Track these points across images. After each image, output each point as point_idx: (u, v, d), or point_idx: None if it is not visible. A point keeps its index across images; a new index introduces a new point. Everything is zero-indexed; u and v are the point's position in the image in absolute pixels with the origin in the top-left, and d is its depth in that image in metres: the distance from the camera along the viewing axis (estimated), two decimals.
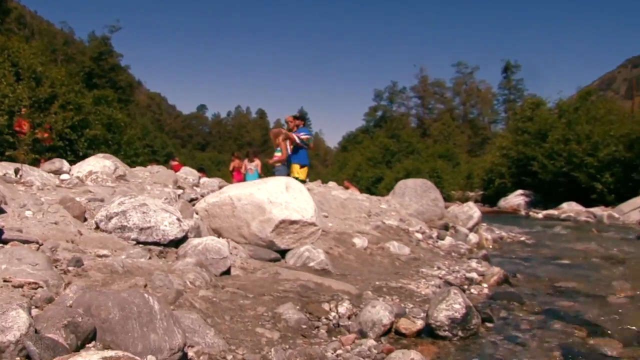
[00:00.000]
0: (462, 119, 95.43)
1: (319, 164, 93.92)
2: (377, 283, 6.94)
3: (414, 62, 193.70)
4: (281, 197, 7.78)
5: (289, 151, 14.52)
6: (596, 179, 29.73)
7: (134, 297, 3.66)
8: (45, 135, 18.75)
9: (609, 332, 5.70)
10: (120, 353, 2.85)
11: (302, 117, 15.38)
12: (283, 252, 7.68)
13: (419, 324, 5.42)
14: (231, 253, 6.68)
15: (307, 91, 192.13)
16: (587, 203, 28.08)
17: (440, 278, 7.90)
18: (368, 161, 61.95)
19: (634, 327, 5.90)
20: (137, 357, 2.89)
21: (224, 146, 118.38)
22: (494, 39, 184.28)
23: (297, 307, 5.24)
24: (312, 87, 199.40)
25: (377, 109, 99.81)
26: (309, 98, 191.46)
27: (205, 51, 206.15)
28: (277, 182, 8.19)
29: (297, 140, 14.01)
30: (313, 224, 7.91)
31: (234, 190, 8.12)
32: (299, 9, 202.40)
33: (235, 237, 7.72)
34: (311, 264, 7.30)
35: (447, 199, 32.23)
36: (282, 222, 7.60)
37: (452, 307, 5.37)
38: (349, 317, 5.49)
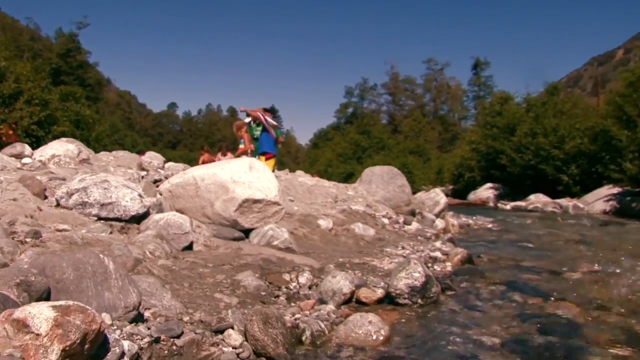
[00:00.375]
0: (432, 115, 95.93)
1: (291, 161, 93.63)
2: (340, 260, 6.98)
3: (385, 59, 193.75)
4: (244, 177, 7.77)
5: (253, 142, 14.42)
6: (562, 171, 30.13)
7: (89, 258, 3.65)
8: (10, 132, 18.53)
9: (566, 299, 5.79)
10: (70, 302, 2.84)
11: (272, 110, 15.31)
12: (247, 232, 7.68)
13: (379, 292, 5.47)
14: (194, 231, 6.67)
15: (278, 89, 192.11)
16: (554, 195, 28.46)
17: (405, 257, 7.94)
18: (339, 157, 62.09)
19: (590, 296, 6.00)
20: (88, 307, 2.88)
21: (195, 144, 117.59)
22: (464, 36, 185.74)
23: (257, 275, 5.26)
24: (283, 84, 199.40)
25: (348, 106, 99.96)
26: (280, 96, 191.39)
27: (175, 49, 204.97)
28: (240, 162, 8.18)
29: (263, 119, 13.83)
30: (277, 203, 7.92)
31: (198, 171, 8.11)
32: (269, 6, 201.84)
33: (199, 217, 7.70)
34: (275, 243, 7.31)
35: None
36: (246, 201, 7.60)
37: (411, 275, 5.43)
38: (309, 287, 5.53)
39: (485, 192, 36.21)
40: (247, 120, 14.69)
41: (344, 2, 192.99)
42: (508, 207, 27.54)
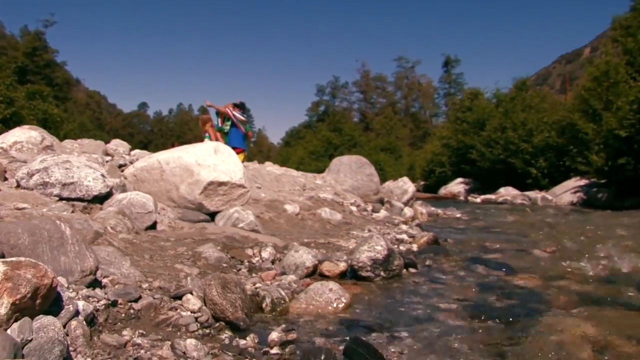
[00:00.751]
0: (403, 113, 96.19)
1: (263, 159, 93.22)
2: (305, 240, 6.99)
3: (356, 57, 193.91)
4: (209, 160, 7.74)
5: (223, 136, 14.38)
6: (531, 164, 30.39)
7: (45, 224, 3.62)
8: None
9: (527, 273, 5.86)
10: (22, 258, 2.81)
11: (241, 105, 15.25)
12: (213, 215, 7.64)
13: (342, 266, 5.49)
14: (159, 213, 6.63)
15: (249, 88, 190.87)
16: (524, 188, 28.70)
17: None
18: (311, 155, 62.04)
19: (551, 270, 6.08)
20: (40, 263, 2.86)
21: (166, 144, 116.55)
22: (434, 34, 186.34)
23: (218, 248, 5.25)
24: (254, 84, 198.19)
25: (319, 104, 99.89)
26: (252, 95, 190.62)
27: (145, 49, 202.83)
28: (205, 146, 8.15)
29: (231, 114, 13.84)
30: (242, 186, 7.90)
31: (163, 155, 8.05)
32: (240, 5, 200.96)
33: (165, 201, 7.66)
34: (240, 225, 7.27)
35: None
36: (211, 183, 7.57)
37: (374, 248, 5.45)
38: (272, 262, 5.53)
39: (456, 186, 36.39)
40: (215, 115, 14.67)
41: (314, 0, 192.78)
42: (478, 200, 27.72)
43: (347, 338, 3.40)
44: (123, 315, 3.42)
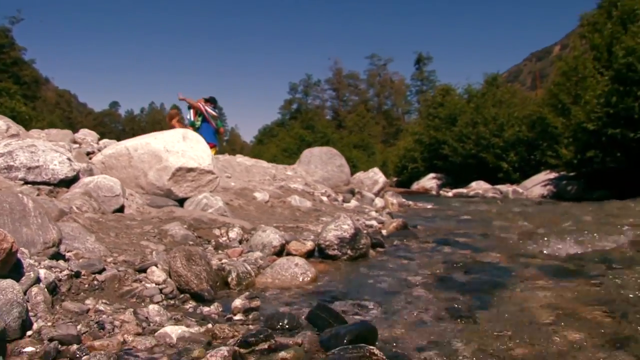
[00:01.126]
0: (376, 110, 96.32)
1: None
2: (274, 225, 6.99)
3: (328, 55, 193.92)
4: (178, 146, 7.71)
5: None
6: (502, 159, 30.66)
7: (6, 197, 3.60)
8: None
9: (493, 252, 5.92)
10: None
11: (212, 100, 15.18)
12: (181, 202, 7.62)
13: (309, 245, 5.51)
14: (127, 199, 6.59)
15: (221, 86, 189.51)
16: (495, 182, 28.92)
17: None
18: (283, 152, 61.94)
19: (516, 250, 6.15)
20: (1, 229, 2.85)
21: None
22: (406, 31, 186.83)
23: (185, 227, 5.24)
24: (226, 82, 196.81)
25: (292, 102, 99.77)
26: (224, 93, 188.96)
27: (116, 47, 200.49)
28: (173, 133, 8.12)
29: (203, 109, 13.82)
30: (211, 172, 7.88)
31: (131, 141, 8.01)
32: (212, 3, 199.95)
33: (133, 187, 7.61)
34: (209, 211, 7.25)
35: None
36: (179, 169, 7.54)
37: (340, 227, 5.48)
38: (239, 242, 5.54)
39: (429, 181, 36.59)
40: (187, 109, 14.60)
41: None
42: (450, 194, 27.93)
43: (312, 306, 3.42)
44: (86, 286, 3.41)
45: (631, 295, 3.75)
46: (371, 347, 2.57)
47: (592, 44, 23.41)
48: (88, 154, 8.68)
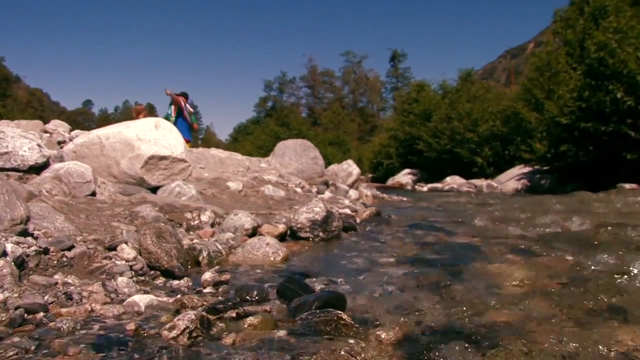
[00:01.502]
0: (351, 107, 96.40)
1: None
2: (247, 212, 6.99)
3: (303, 52, 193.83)
4: (150, 134, 7.69)
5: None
6: (476, 154, 30.87)
7: None
8: None
9: (464, 234, 5.98)
10: None
11: (185, 95, 15.15)
12: (154, 190, 7.59)
13: (281, 227, 5.52)
14: (98, 187, 6.55)
15: (196, 85, 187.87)
16: (470, 176, 29.10)
17: None
18: (259, 149, 61.82)
19: (486, 233, 6.21)
20: None
21: None
22: (381, 28, 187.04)
23: (156, 209, 5.23)
24: (200, 80, 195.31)
25: (267, 100, 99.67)
26: (198, 92, 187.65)
27: (89, 45, 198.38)
28: (145, 121, 8.09)
29: (183, 105, 13.82)
30: (183, 160, 7.87)
31: (103, 130, 7.97)
32: (185, 1, 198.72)
33: (105, 177, 7.56)
34: (182, 199, 7.25)
35: None
36: (152, 157, 7.52)
37: (312, 210, 5.50)
38: (211, 225, 5.53)
39: (404, 177, 36.64)
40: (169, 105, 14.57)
41: None
42: (425, 189, 28.01)
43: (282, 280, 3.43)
44: (55, 262, 3.39)
45: (596, 271, 3.81)
46: (339, 311, 2.59)
47: (564, 39, 23.70)
48: (59, 143, 8.58)
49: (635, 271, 3.63)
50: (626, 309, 2.83)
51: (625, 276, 3.51)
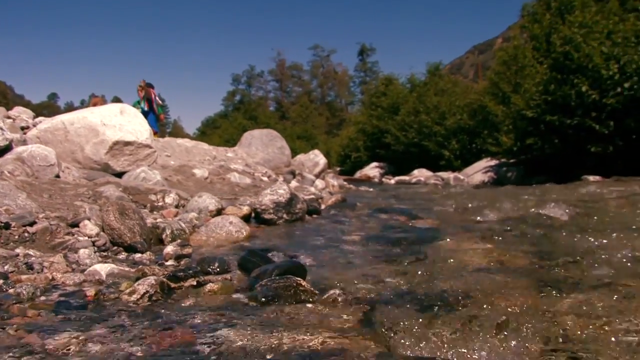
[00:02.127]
0: (319, 101, 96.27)
1: None
2: (212, 195, 7.01)
3: (271, 46, 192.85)
4: (115, 120, 7.66)
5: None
6: (444, 147, 31.01)
7: None
8: None
9: (428, 218, 6.05)
10: None
11: (151, 86, 15.10)
12: (119, 176, 7.56)
13: (245, 209, 5.54)
14: (62, 171, 6.52)
15: (163, 78, 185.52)
16: (437, 169, 29.24)
17: None
18: (226, 143, 61.50)
19: (450, 217, 6.31)
20: None
21: None
22: (350, 23, 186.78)
23: (120, 189, 5.23)
24: (168, 74, 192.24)
25: (235, 93, 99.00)
26: (166, 85, 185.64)
27: (54, 38, 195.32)
28: (111, 107, 8.07)
29: (153, 97, 13.80)
30: (148, 146, 7.85)
31: (67, 115, 7.92)
32: None
33: (70, 162, 7.53)
34: (148, 185, 7.23)
35: None
36: (116, 143, 7.50)
37: (276, 192, 5.53)
38: (176, 207, 5.53)
39: (371, 170, 36.68)
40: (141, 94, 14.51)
41: None
42: (392, 181, 28.13)
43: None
44: (16, 237, 3.39)
45: (551, 249, 3.90)
46: (298, 278, 2.64)
47: (531, 34, 23.92)
48: (23, 128, 8.53)
49: (586, 249, 3.75)
50: (575, 281, 2.92)
51: (578, 254, 3.61)
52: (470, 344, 2.08)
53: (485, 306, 2.45)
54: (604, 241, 3.91)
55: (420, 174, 28.21)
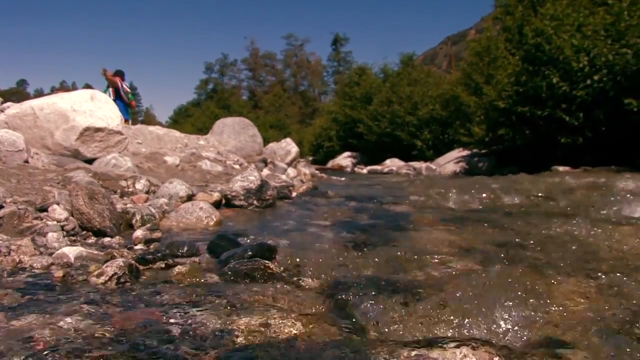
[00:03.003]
0: (292, 91, 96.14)
1: None
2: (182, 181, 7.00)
3: (245, 35, 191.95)
4: (85, 106, 7.61)
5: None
6: (416, 137, 31.17)
7: None
8: None
9: (398, 205, 6.11)
10: None
11: (120, 74, 14.94)
12: (90, 163, 7.51)
13: (216, 195, 5.55)
14: (32, 157, 6.47)
15: (135, 66, 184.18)
16: (409, 159, 29.40)
17: None
18: (199, 131, 61.21)
19: (419, 204, 6.36)
20: None
21: None
22: (323, 12, 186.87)
23: (90, 175, 5.20)
24: (140, 62, 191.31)
25: (208, 82, 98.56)
26: (138, 73, 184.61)
27: (24, 24, 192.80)
28: (81, 92, 8.00)
29: (120, 86, 13.67)
30: (119, 133, 7.81)
31: (36, 101, 7.84)
32: None
33: (39, 148, 7.46)
34: (118, 171, 7.20)
35: None
36: (87, 129, 7.44)
37: (247, 179, 5.55)
38: (146, 192, 5.52)
39: (344, 160, 36.74)
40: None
41: None
42: (364, 171, 28.23)
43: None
44: None
45: (519, 234, 3.97)
46: (266, 261, 2.66)
47: (504, 25, 24.08)
48: None
49: (553, 233, 3.81)
50: (542, 264, 2.98)
51: (545, 238, 3.67)
52: (439, 326, 2.13)
53: (452, 290, 2.48)
54: (568, 228, 3.99)
55: (393, 163, 28.32)
